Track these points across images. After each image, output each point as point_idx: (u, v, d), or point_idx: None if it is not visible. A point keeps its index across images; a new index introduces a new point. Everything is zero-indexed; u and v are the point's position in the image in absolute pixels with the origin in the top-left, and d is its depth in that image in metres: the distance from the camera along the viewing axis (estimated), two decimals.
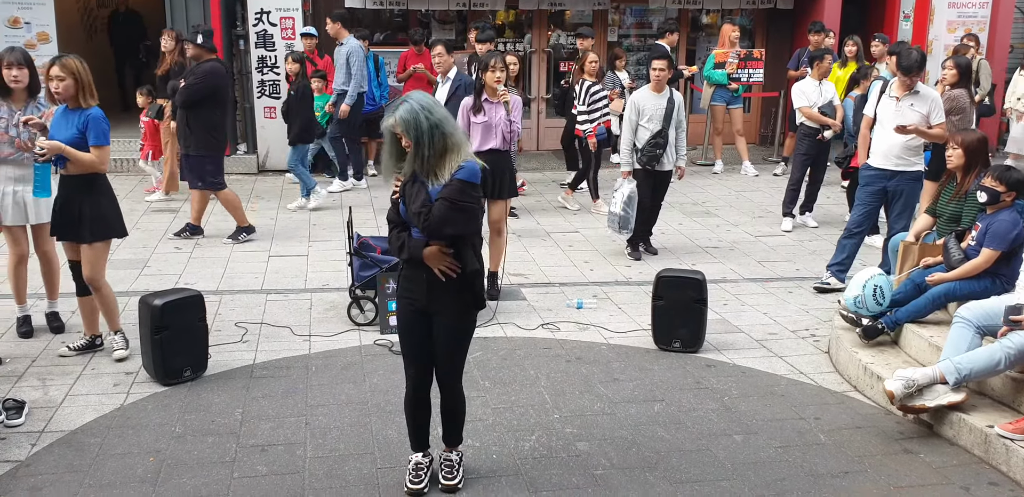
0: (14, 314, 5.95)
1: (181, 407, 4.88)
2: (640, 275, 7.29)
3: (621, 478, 4.22)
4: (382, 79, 10.87)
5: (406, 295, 3.98)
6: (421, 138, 3.69)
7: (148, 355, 5.14)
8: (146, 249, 7.83)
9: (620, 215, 7.55)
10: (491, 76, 6.43)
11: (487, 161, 6.49)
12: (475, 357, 5.58)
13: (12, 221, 5.61)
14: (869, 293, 5.43)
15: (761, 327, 6.23)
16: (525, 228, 8.75)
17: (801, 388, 5.29)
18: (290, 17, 10.94)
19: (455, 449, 4.20)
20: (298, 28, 10.78)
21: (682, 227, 8.90)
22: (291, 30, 10.85)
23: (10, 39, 10.78)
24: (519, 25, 13.00)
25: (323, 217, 8.98)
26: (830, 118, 8.60)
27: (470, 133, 6.54)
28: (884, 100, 6.68)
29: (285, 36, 10.90)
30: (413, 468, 4.12)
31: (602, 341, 5.93)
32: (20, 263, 5.77)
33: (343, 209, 8.98)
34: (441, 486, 4.10)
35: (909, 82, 6.49)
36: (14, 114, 5.45)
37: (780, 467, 4.36)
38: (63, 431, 4.60)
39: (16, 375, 5.23)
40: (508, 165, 6.64)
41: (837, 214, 9.36)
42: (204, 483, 4.11)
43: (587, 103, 9.08)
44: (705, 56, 12.34)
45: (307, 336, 5.91)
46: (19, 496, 4.01)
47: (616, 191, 7.61)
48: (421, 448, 4.19)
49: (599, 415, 4.85)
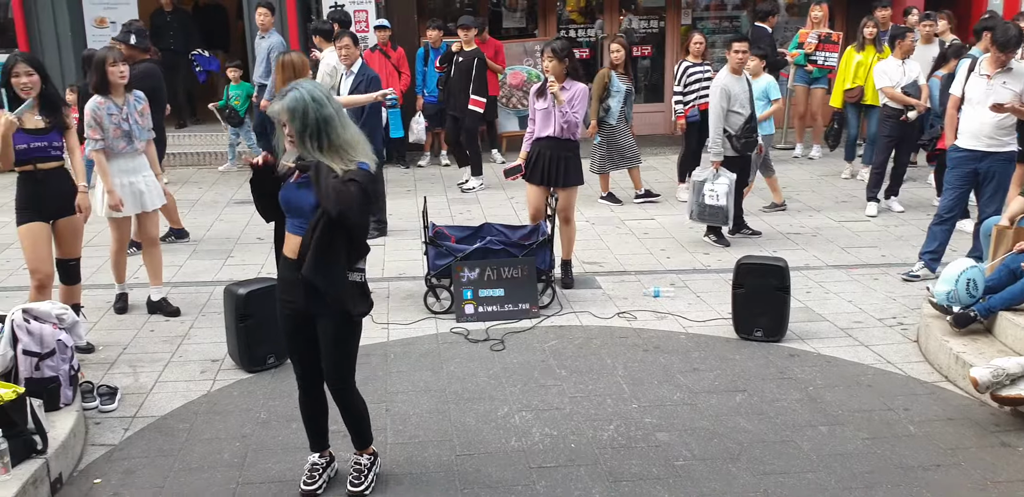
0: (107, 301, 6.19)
1: (265, 393, 4.98)
2: (719, 263, 7.18)
3: (703, 469, 4.17)
4: None
5: (284, 297, 3.78)
6: (304, 131, 3.43)
7: (233, 343, 5.26)
8: (229, 240, 8.00)
9: (723, 207, 7.35)
10: (544, 65, 6.37)
11: (545, 148, 6.55)
12: (550, 346, 5.57)
13: (130, 211, 5.93)
14: (962, 287, 5.24)
15: (846, 315, 6.07)
16: (599, 216, 8.69)
17: (889, 378, 5.14)
18: (363, 10, 11.02)
19: (365, 452, 4.04)
20: (371, 21, 10.86)
21: (762, 213, 8.73)
22: (364, 23, 10.93)
23: (97, 38, 11.14)
24: (590, 10, 12.89)
25: (398, 206, 9.05)
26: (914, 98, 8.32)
27: (534, 118, 6.51)
28: (973, 78, 6.43)
29: (359, 29, 10.98)
30: (308, 468, 4.01)
31: (680, 330, 5.86)
32: (122, 250, 6.13)
33: (418, 198, 9.04)
34: (347, 492, 3.94)
35: (1004, 58, 6.22)
36: (121, 109, 5.74)
37: (868, 459, 4.25)
38: (153, 416, 4.74)
39: (108, 362, 5.41)
40: (567, 152, 6.48)
41: (924, 198, 9.08)
42: (289, 468, 4.18)
43: (683, 84, 8.97)
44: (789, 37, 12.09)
45: (385, 324, 5.97)
46: (113, 479, 4.14)
47: (713, 182, 7.36)
48: (316, 448, 4.06)
49: (679, 405, 4.79)
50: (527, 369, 5.25)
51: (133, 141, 5.83)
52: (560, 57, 6.26)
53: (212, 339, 5.70)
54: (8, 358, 4.44)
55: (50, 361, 4.45)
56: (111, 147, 5.77)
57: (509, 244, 6.23)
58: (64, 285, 5.54)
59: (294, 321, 3.81)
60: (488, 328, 5.86)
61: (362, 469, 4.01)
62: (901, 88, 8.33)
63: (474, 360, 5.39)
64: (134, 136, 5.82)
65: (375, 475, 4.04)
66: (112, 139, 5.75)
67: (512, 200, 9.31)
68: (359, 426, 4.01)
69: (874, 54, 9.44)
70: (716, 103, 7.43)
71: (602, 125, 8.87)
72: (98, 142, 5.72)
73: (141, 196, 5.94)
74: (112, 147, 5.77)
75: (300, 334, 3.84)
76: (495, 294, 6.03)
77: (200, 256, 7.54)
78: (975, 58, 6.77)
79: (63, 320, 4.66)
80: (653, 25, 12.72)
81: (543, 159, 6.45)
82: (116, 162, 5.83)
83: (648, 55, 12.74)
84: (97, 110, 5.68)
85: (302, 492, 3.96)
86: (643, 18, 12.74)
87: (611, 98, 8.76)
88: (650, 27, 12.69)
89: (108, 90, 5.73)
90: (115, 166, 5.82)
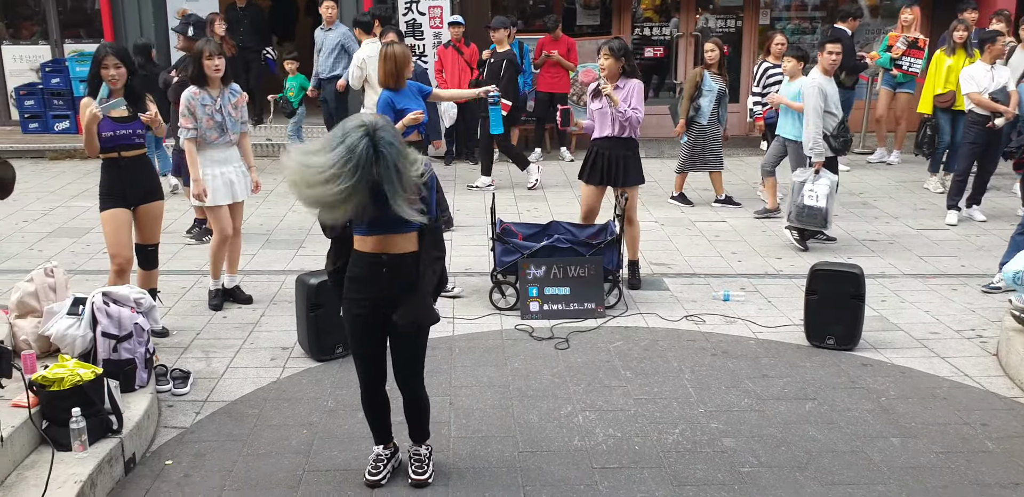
0: (184, 289, 6.33)
1: (333, 383, 5.04)
2: (792, 268, 7.05)
3: (769, 477, 4.10)
4: (526, 66, 10.89)
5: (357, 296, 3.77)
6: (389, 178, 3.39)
7: (303, 332, 5.34)
8: (301, 231, 8.12)
9: (823, 208, 7.20)
10: (600, 63, 6.33)
11: (603, 147, 6.49)
12: (615, 346, 5.54)
13: (222, 200, 5.98)
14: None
15: (922, 325, 5.91)
16: (669, 217, 8.60)
17: (966, 391, 4.99)
18: (438, 6, 11.09)
19: (424, 444, 4.12)
20: (446, 17, 10.91)
21: (837, 218, 8.54)
22: (439, 19, 10.99)
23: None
24: (666, 8, 12.77)
25: (466, 202, 9.09)
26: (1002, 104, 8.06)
27: (592, 117, 6.45)
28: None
29: (433, 25, 11.06)
30: (374, 458, 4.07)
31: (750, 335, 5.77)
32: (224, 243, 6.09)
33: (485, 195, 9.06)
34: (411, 481, 4.01)
35: None
36: (215, 101, 5.84)
37: (942, 474, 4.13)
38: (224, 401, 4.83)
39: (182, 347, 5.53)
40: (627, 151, 6.42)
41: (1008, 208, 8.80)
42: (354, 457, 4.23)
43: (762, 85, 8.85)
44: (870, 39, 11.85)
45: (451, 318, 5.99)
46: (184, 460, 4.24)
47: (813, 183, 7.21)
48: (382, 441, 4.11)
49: (746, 411, 4.72)
50: (591, 369, 5.22)
51: (226, 132, 5.92)
52: (616, 55, 6.22)
53: (283, 327, 5.79)
54: (88, 339, 4.58)
55: (127, 344, 4.57)
56: (203, 137, 5.87)
57: (576, 243, 6.20)
58: (142, 270, 5.68)
59: (366, 321, 3.82)
60: (553, 326, 5.85)
61: (423, 459, 4.06)
62: (989, 94, 8.08)
63: (538, 358, 5.38)
64: (227, 128, 5.91)
65: (433, 464, 4.10)
66: (204, 129, 5.84)
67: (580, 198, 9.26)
68: (421, 419, 4.05)
69: (964, 58, 9.16)
70: (815, 103, 7.28)
71: (691, 124, 8.75)
72: (190, 131, 5.83)
73: (232, 186, 6.03)
74: (204, 137, 5.87)
75: (371, 334, 3.85)
76: (561, 292, 6.01)
77: (273, 246, 7.67)
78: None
79: (141, 304, 4.78)
80: (730, 24, 12.54)
81: (602, 159, 6.41)
82: (209, 152, 5.93)
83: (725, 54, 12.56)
84: (191, 100, 5.80)
85: (367, 482, 4.00)
86: (720, 17, 12.57)
87: (702, 97, 8.67)
88: (727, 26, 12.52)
89: (204, 82, 5.83)
90: (208, 156, 5.93)
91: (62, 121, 12.00)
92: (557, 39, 10.81)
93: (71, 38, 12.49)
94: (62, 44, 12.46)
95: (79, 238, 7.85)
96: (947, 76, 9.28)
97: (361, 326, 3.83)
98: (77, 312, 4.63)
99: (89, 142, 5.20)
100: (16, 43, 12.58)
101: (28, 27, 12.70)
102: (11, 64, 12.56)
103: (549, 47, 10.84)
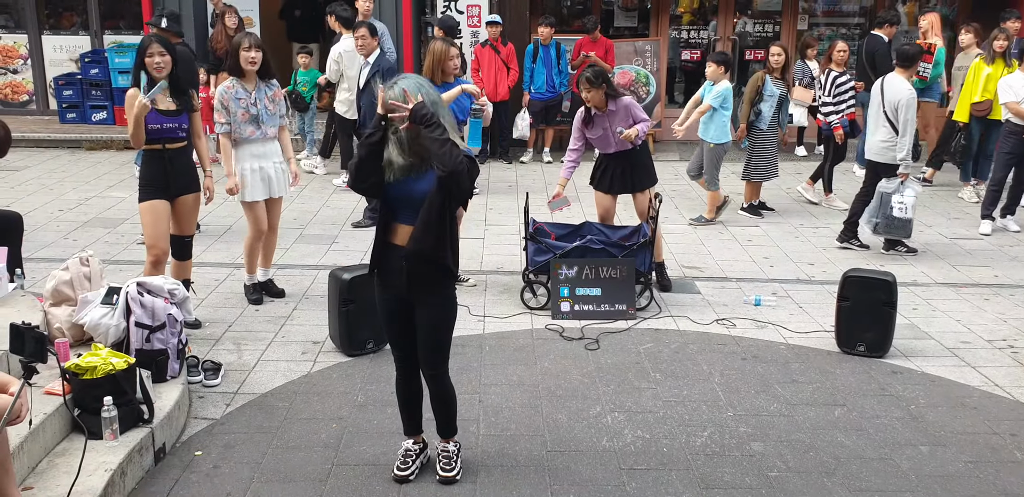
0: (217, 281, 6.39)
1: (363, 377, 5.08)
2: (824, 274, 7.01)
3: (797, 482, 4.08)
4: (563, 66, 10.90)
5: (385, 283, 3.88)
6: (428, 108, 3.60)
7: (335, 326, 5.38)
8: (335, 226, 8.17)
9: (910, 220, 7.22)
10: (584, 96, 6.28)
11: (610, 159, 6.51)
12: (646, 348, 5.53)
13: (259, 196, 5.96)
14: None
15: (953, 335, 5.86)
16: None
17: (996, 401, 4.95)
18: (476, 5, 11.12)
19: (452, 440, 4.12)
20: (484, 16, 10.94)
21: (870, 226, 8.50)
22: (477, 17, 11.02)
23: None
24: (704, 11, 12.73)
25: (499, 201, 9.11)
26: None
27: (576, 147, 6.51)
28: None
29: (471, 23, 11.09)
30: (402, 454, 4.09)
31: (781, 340, 5.74)
32: (258, 239, 6.12)
33: (519, 194, 9.09)
34: (439, 477, 4.03)
35: None
36: (250, 94, 5.81)
37: (970, 483, 4.10)
38: (255, 393, 4.88)
39: (214, 339, 5.59)
40: (634, 160, 6.47)
41: None
42: (383, 452, 4.26)
43: (833, 94, 8.79)
44: None
45: (481, 317, 6.02)
46: (214, 452, 4.28)
47: (902, 194, 7.19)
48: (412, 434, 4.14)
49: (775, 416, 4.71)
50: (621, 370, 5.22)
51: (261, 126, 5.85)
52: (596, 85, 6.20)
53: (314, 321, 5.83)
54: (121, 329, 4.64)
55: (160, 334, 4.63)
56: (239, 131, 5.81)
57: (609, 244, 6.21)
58: (176, 261, 5.74)
59: (394, 306, 3.90)
60: (583, 327, 5.85)
61: (451, 456, 4.08)
62: None
63: (568, 358, 5.39)
64: (262, 121, 5.84)
65: (461, 461, 4.11)
66: (239, 123, 5.78)
67: None
68: (448, 414, 4.07)
69: (1003, 67, 9.06)
70: (913, 113, 7.27)
71: (752, 130, 8.68)
72: (223, 125, 5.79)
73: (270, 182, 5.97)
74: (239, 131, 5.81)
75: (399, 320, 3.92)
76: (592, 293, 6.02)
77: (306, 241, 7.72)
78: None
79: (174, 295, 4.84)
80: (768, 29, 12.49)
81: (611, 169, 6.50)
82: (247, 147, 5.88)
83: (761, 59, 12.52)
84: (224, 93, 5.76)
85: (395, 477, 4.03)
86: (758, 21, 12.52)
87: (763, 103, 8.61)
88: (764, 31, 12.47)
89: (240, 74, 5.80)
90: (245, 151, 5.88)
91: (100, 112, 12.15)
92: (595, 41, 10.81)
93: (111, 29, 12.67)
94: (102, 35, 12.63)
95: (114, 228, 7.95)
96: (985, 84, 9.17)
97: (390, 310, 3.93)
98: (111, 301, 4.68)
99: (137, 133, 5.25)
100: (56, 33, 12.75)
101: (69, 17, 12.88)
102: (51, 54, 12.74)
103: (588, 48, 10.84)
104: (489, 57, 10.48)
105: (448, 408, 4.06)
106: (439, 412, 4.07)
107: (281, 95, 6.04)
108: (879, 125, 7.42)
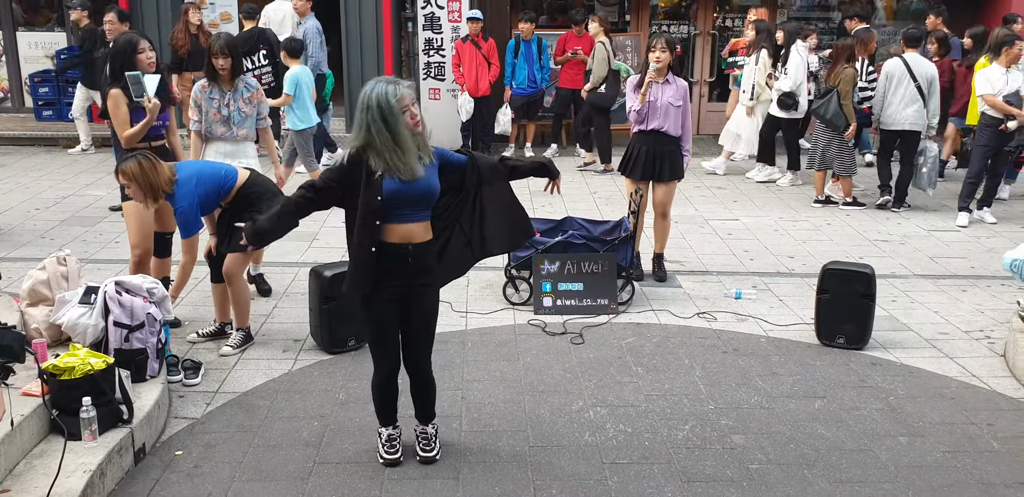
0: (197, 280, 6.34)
1: (345, 375, 5.07)
2: (803, 267, 7.05)
3: (778, 474, 4.11)
4: (544, 62, 10.88)
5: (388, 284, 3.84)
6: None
7: (316, 324, 5.36)
8: (315, 222, 8.14)
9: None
10: (651, 56, 6.32)
11: (643, 142, 6.52)
12: (628, 343, 5.55)
13: None
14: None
15: (931, 326, 5.91)
16: (683, 215, 8.58)
17: (973, 391, 4.99)
18: (457, 0, 11.07)
19: (431, 423, 4.21)
20: (464, 12, 10.90)
21: (849, 218, 8.55)
22: (458, 13, 10.97)
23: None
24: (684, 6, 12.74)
25: None
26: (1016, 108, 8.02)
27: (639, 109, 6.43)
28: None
29: (452, 19, 11.04)
30: (386, 440, 4.15)
31: (761, 333, 5.77)
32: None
33: None
34: (420, 458, 4.14)
35: None
36: (225, 95, 5.83)
37: (948, 473, 4.14)
38: (235, 392, 4.86)
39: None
40: (668, 147, 6.47)
41: (1019, 211, 8.76)
42: (364, 449, 4.25)
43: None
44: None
45: (464, 312, 6.01)
46: (194, 451, 4.26)
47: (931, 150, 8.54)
48: (390, 423, 4.19)
49: (756, 409, 4.73)
50: (603, 365, 5.24)
51: (232, 127, 5.86)
52: (672, 49, 6.31)
53: (295, 319, 5.81)
54: (99, 328, 4.60)
55: (139, 333, 4.59)
56: (210, 131, 5.87)
57: (591, 239, 6.22)
58: (156, 258, 5.71)
59: (391, 312, 3.91)
60: (565, 322, 5.86)
61: (430, 437, 4.18)
62: (1002, 97, 8.05)
63: (550, 353, 5.40)
64: (233, 123, 5.85)
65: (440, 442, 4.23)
66: (210, 122, 5.83)
67: (595, 195, 9.29)
68: (430, 400, 4.17)
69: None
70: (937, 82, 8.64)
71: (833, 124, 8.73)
72: (194, 123, 5.88)
73: None
74: (211, 131, 5.86)
75: (394, 322, 3.96)
76: (574, 288, 6.03)
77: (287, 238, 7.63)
78: None
79: (153, 294, 4.80)
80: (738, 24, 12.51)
81: (643, 154, 6.46)
82: (216, 144, 5.91)
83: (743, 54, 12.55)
84: (199, 93, 5.83)
85: (388, 461, 4.10)
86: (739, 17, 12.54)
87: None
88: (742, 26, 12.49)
89: (215, 77, 5.80)
90: (214, 148, 5.91)
91: None
92: (580, 35, 10.76)
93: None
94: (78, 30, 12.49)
95: (91, 227, 7.90)
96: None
97: (389, 312, 3.91)
98: (89, 301, 4.65)
99: (140, 133, 5.31)
100: (31, 30, 12.61)
101: (44, 13, 12.74)
102: (26, 51, 12.60)
103: (573, 43, 10.78)
104: (470, 52, 10.44)
105: (431, 395, 4.15)
106: (422, 400, 4.14)
107: (261, 97, 6.01)
108: (910, 99, 8.54)
